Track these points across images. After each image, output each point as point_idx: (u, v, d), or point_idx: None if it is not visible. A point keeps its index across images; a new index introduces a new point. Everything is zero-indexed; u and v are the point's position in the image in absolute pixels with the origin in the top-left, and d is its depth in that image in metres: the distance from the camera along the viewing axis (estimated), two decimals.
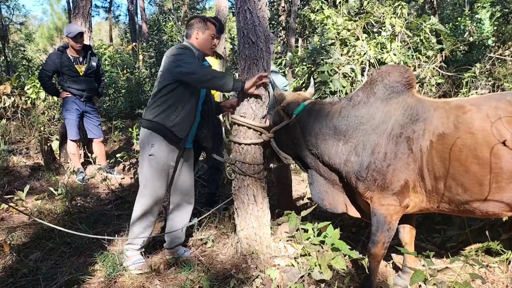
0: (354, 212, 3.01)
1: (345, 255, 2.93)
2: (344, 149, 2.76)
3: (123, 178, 5.64)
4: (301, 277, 2.90)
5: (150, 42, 14.26)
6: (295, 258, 3.09)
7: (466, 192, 2.45)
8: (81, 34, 5.23)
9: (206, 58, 4.19)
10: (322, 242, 3.01)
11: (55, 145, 6.37)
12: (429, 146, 2.50)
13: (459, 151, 2.41)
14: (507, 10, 9.10)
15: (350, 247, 3.01)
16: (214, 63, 4.29)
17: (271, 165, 3.36)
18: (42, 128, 7.26)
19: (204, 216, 3.55)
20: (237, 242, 3.27)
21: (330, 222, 2.98)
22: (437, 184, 2.52)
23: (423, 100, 2.67)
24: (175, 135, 3.07)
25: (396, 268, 3.21)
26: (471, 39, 8.43)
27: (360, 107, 2.75)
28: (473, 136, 2.39)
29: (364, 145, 2.66)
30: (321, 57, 5.77)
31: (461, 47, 7.19)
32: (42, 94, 7.61)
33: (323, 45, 6.00)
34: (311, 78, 3.48)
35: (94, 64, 5.51)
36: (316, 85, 5.71)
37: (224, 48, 8.95)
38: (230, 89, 2.91)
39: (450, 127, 2.46)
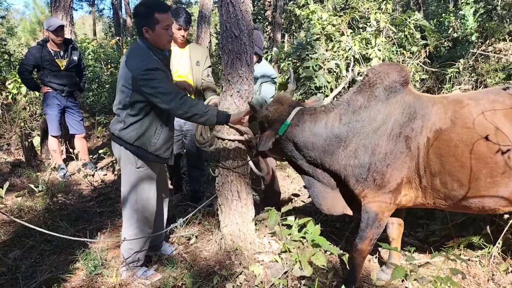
0: (350, 212, 2.98)
1: (325, 251, 2.91)
2: (344, 154, 2.70)
3: (106, 174, 5.57)
4: (285, 272, 2.89)
5: (134, 36, 14.07)
6: (279, 254, 3.08)
7: (462, 188, 2.45)
8: (61, 28, 5.12)
9: (173, 49, 3.87)
10: (303, 238, 2.99)
11: (36, 141, 6.25)
12: (426, 142, 2.49)
13: (455, 147, 2.40)
14: (490, 6, 9.20)
15: (331, 243, 3.00)
16: (183, 55, 4.03)
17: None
18: (23, 124, 7.12)
19: (189, 216, 3.51)
20: (221, 239, 3.25)
21: (311, 218, 2.97)
22: (433, 180, 2.51)
23: (421, 96, 2.65)
24: (160, 157, 2.90)
25: (380, 262, 3.22)
26: (455, 35, 8.52)
27: (361, 111, 2.67)
28: (469, 131, 2.38)
29: (365, 148, 2.62)
30: (306, 53, 5.77)
31: (445, 43, 7.26)
32: (24, 89, 7.44)
33: (308, 40, 5.99)
34: (290, 72, 3.37)
35: (75, 58, 5.40)
36: (301, 81, 5.71)
37: (210, 42, 8.88)
38: (213, 125, 2.75)
39: (447, 122, 2.45)
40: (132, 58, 2.69)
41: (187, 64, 4.02)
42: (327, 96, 5.53)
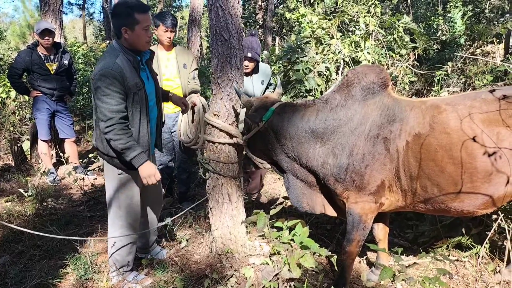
0: (331, 212, 3.01)
1: (314, 253, 2.93)
2: (321, 151, 2.73)
3: (96, 178, 5.53)
4: (276, 275, 2.89)
5: None
6: (269, 256, 3.09)
7: (441, 192, 2.47)
8: (48, 31, 5.05)
9: (160, 52, 3.96)
10: (292, 240, 3.01)
11: (26, 145, 6.21)
12: (405, 146, 2.51)
13: (434, 151, 2.42)
14: (478, 9, 9.34)
15: (322, 245, 3.01)
16: (169, 58, 4.05)
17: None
18: (12, 128, 7.05)
19: (176, 216, 3.50)
20: (212, 242, 3.25)
21: (300, 220, 2.98)
22: (413, 184, 2.53)
23: (400, 100, 2.67)
24: (125, 163, 2.75)
25: (369, 264, 3.24)
26: (443, 38, 8.62)
27: (338, 110, 2.71)
28: (448, 136, 2.40)
29: (342, 147, 2.64)
30: (297, 56, 5.80)
31: (434, 45, 7.33)
32: (13, 93, 7.40)
33: (298, 43, 6.03)
34: (277, 77, 3.43)
35: (65, 62, 5.37)
36: (291, 84, 5.74)
37: (200, 46, 8.89)
38: (128, 160, 2.62)
39: (426, 127, 2.47)
40: (99, 61, 2.67)
41: (174, 67, 4.03)
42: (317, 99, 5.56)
